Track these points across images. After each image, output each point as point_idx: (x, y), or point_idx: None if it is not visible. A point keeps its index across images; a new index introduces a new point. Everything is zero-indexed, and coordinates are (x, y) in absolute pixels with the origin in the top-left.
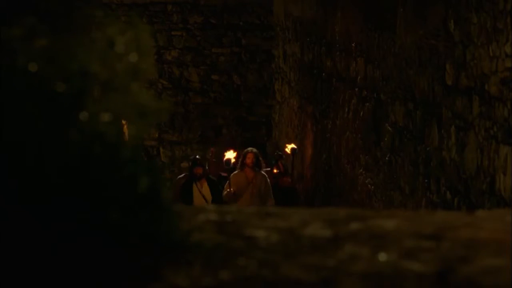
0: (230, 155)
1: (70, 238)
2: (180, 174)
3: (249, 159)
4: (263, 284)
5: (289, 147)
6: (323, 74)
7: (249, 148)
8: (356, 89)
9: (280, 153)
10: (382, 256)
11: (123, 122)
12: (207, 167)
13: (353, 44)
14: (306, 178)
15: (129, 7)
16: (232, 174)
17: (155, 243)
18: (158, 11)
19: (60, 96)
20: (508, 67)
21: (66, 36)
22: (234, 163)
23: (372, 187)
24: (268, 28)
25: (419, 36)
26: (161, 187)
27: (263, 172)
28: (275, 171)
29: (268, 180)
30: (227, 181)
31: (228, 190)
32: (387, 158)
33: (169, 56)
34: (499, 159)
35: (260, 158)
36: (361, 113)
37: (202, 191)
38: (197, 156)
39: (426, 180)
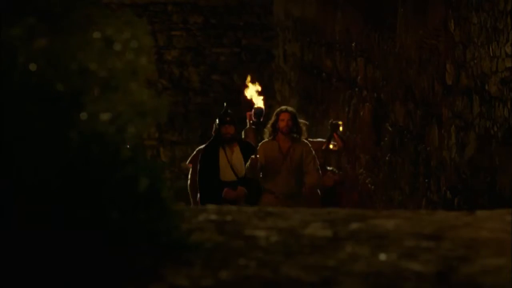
0: (261, 101)
1: (70, 238)
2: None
3: (283, 122)
4: (263, 284)
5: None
6: (323, 74)
7: (283, 107)
8: (356, 89)
9: (335, 121)
10: (382, 256)
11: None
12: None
13: (353, 44)
14: None
15: (129, 7)
16: (260, 143)
17: (155, 243)
18: (158, 11)
19: (60, 96)
20: (508, 67)
21: (66, 36)
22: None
23: (372, 187)
24: (268, 28)
25: (419, 36)
26: (161, 187)
27: (304, 140)
28: (331, 146)
29: (313, 150)
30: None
31: (253, 157)
32: (387, 158)
33: (169, 56)
34: (499, 159)
35: (300, 120)
36: (361, 113)
37: (231, 160)
38: (229, 111)
39: (426, 180)
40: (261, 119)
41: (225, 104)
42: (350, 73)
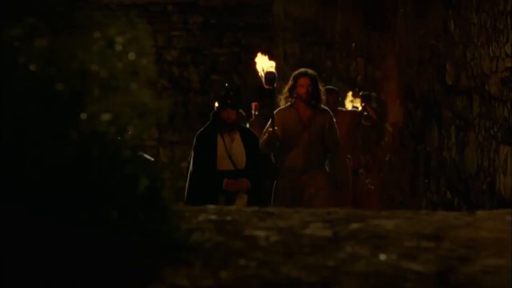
0: (270, 65)
1: (70, 238)
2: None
3: (302, 88)
4: (263, 284)
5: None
6: (323, 74)
7: (303, 70)
8: (356, 89)
9: (367, 92)
10: (382, 256)
11: None
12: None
13: (353, 44)
14: None
15: (129, 8)
16: (276, 111)
17: (155, 243)
18: (158, 11)
19: (60, 96)
20: (508, 67)
21: (66, 36)
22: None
23: (372, 187)
24: (268, 28)
25: (419, 36)
26: (161, 187)
27: (326, 108)
28: (363, 121)
29: (335, 122)
30: (269, 120)
31: (270, 130)
32: (387, 158)
33: (169, 56)
34: (499, 159)
35: (321, 87)
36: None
37: (230, 150)
38: (231, 92)
39: (426, 180)
40: (275, 85)
41: (226, 85)
42: (350, 73)
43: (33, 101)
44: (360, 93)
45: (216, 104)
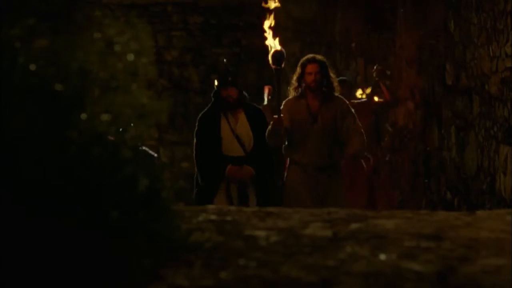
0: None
1: (71, 238)
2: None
3: (310, 76)
4: (263, 284)
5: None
6: None
7: (310, 56)
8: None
9: (380, 67)
10: (382, 256)
11: None
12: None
13: (353, 44)
14: None
15: (129, 8)
16: (284, 102)
17: (155, 243)
18: (158, 11)
19: (60, 96)
20: (508, 67)
21: (66, 36)
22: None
23: None
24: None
25: (419, 36)
26: (161, 187)
27: (340, 96)
28: (375, 99)
29: (352, 110)
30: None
31: (275, 117)
32: (387, 158)
33: (169, 56)
34: (499, 159)
35: (332, 74)
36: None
37: (236, 130)
38: (230, 68)
39: (426, 180)
40: (282, 65)
41: (224, 60)
42: (350, 73)
43: (33, 101)
44: (375, 67)
45: (216, 83)
